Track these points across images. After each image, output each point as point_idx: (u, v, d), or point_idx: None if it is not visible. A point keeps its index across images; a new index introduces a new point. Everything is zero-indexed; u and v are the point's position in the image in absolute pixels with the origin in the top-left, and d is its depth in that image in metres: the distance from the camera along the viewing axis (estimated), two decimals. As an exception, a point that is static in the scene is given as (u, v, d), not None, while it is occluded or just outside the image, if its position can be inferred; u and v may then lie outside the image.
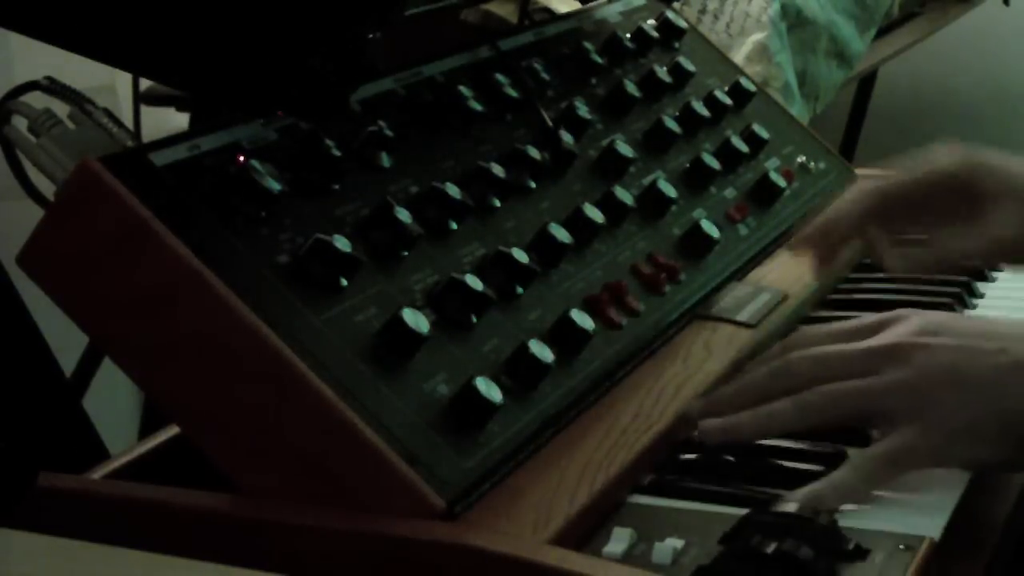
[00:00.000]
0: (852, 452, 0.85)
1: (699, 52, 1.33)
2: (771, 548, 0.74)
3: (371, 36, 0.91)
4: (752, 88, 1.32)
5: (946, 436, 0.83)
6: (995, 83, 3.61)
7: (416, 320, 0.82)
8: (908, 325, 0.90)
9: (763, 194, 1.22)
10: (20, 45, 1.33)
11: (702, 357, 0.99)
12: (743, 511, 0.79)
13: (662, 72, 1.24)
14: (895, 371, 0.86)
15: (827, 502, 0.81)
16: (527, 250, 0.93)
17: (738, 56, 2.04)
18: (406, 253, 0.88)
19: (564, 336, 0.91)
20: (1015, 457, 0.84)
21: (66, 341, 1.03)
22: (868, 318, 0.92)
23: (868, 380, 0.86)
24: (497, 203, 0.97)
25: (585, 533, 0.79)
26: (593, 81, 1.18)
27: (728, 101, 1.28)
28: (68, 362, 1.20)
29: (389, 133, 0.94)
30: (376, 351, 0.81)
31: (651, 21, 1.30)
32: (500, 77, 1.08)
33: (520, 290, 0.92)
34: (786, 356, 0.91)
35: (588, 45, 1.20)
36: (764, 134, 1.27)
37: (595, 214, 1.01)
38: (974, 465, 0.85)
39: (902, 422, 0.84)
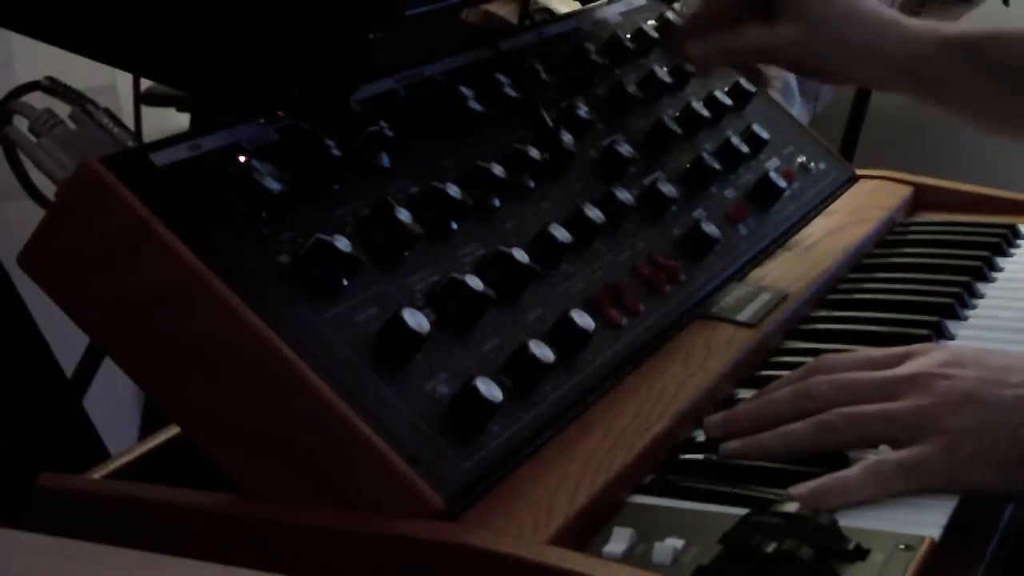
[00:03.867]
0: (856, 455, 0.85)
1: (699, 52, 1.33)
2: (771, 548, 0.74)
3: (372, 36, 0.91)
4: (752, 88, 1.32)
5: (965, 458, 0.83)
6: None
7: (416, 320, 0.82)
8: (933, 357, 0.90)
9: (763, 194, 1.22)
10: (21, 45, 1.33)
11: (702, 357, 0.99)
12: (743, 511, 0.79)
13: (662, 72, 1.24)
14: (916, 397, 0.86)
15: (831, 499, 0.81)
16: (527, 250, 0.93)
17: (738, 56, 2.03)
18: (406, 253, 0.88)
19: (564, 336, 0.91)
20: None
21: (66, 341, 1.03)
22: (893, 349, 0.92)
23: (888, 404, 0.86)
24: (497, 203, 0.97)
25: (585, 533, 0.79)
26: (593, 81, 1.18)
27: (728, 101, 1.28)
28: (68, 362, 1.20)
29: (389, 133, 0.94)
30: (376, 351, 0.81)
31: (651, 21, 1.30)
32: (500, 77, 1.08)
33: (520, 290, 0.92)
34: (808, 379, 0.91)
35: (588, 45, 1.20)
36: (764, 134, 1.27)
37: (595, 214, 1.01)
38: (986, 492, 0.84)
39: (922, 440, 0.84)
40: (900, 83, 1.18)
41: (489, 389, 0.82)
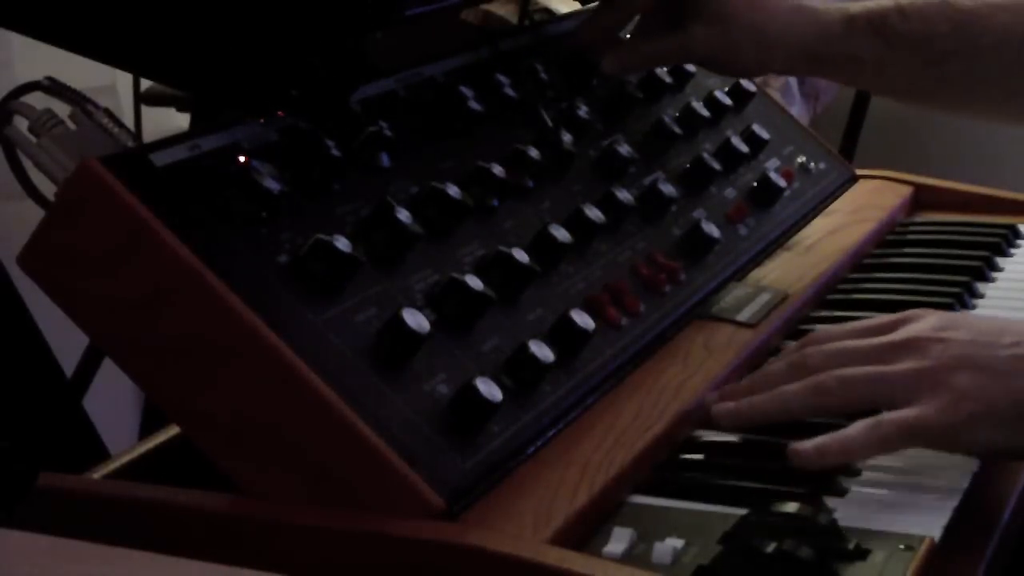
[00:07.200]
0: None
1: (699, 52, 1.33)
2: (771, 548, 0.74)
3: (371, 36, 0.91)
4: (752, 88, 1.32)
5: (965, 418, 0.83)
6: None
7: (416, 320, 0.82)
8: (924, 322, 0.90)
9: (763, 194, 1.22)
10: (21, 45, 1.33)
11: (702, 357, 0.99)
12: (743, 511, 0.79)
13: (662, 72, 1.24)
14: (912, 361, 0.87)
15: (832, 456, 0.82)
16: (527, 250, 0.93)
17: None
18: (406, 253, 0.88)
19: (564, 336, 0.91)
20: None
21: (66, 341, 1.03)
22: (884, 317, 0.93)
23: (884, 366, 0.87)
24: (497, 203, 0.97)
25: (585, 533, 0.79)
26: (593, 81, 1.18)
27: (728, 101, 1.28)
28: (68, 362, 1.20)
29: (389, 133, 0.94)
30: (376, 351, 0.81)
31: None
32: (500, 77, 1.08)
33: (520, 290, 0.92)
34: (802, 351, 0.92)
35: (588, 45, 1.20)
36: (764, 134, 1.27)
37: (595, 214, 1.01)
38: (987, 451, 0.85)
39: (920, 401, 0.84)
40: (812, 66, 1.17)
41: (489, 389, 0.82)
